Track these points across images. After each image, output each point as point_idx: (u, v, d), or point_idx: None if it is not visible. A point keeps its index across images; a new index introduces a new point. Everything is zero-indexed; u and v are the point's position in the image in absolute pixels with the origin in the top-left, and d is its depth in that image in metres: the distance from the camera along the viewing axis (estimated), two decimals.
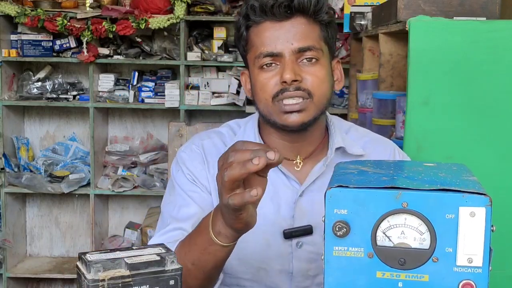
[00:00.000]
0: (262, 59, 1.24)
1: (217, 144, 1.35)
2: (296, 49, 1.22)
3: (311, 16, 1.25)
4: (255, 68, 1.26)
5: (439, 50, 1.63)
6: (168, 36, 3.72)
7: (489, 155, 1.63)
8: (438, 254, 0.75)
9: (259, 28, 1.25)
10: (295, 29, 1.23)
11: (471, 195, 0.73)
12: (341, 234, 0.76)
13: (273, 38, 1.23)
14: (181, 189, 1.31)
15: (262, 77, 1.25)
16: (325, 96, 1.26)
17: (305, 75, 1.23)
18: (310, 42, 1.23)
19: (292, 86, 1.22)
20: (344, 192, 0.77)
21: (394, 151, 1.39)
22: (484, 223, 0.73)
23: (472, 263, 0.73)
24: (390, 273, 0.76)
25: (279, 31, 1.23)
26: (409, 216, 0.75)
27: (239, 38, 1.31)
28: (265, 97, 1.25)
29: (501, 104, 1.63)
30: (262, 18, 1.24)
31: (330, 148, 1.31)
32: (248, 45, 1.29)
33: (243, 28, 1.28)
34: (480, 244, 0.73)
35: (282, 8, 1.22)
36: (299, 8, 1.23)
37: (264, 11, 1.23)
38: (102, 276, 0.76)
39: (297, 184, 1.30)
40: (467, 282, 0.74)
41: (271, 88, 1.24)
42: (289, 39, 1.22)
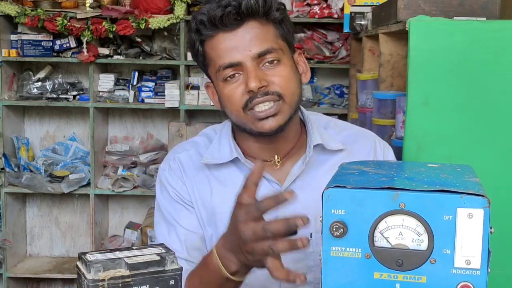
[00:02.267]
0: (224, 72, 1.21)
1: (193, 155, 1.34)
2: (255, 55, 1.19)
3: (262, 17, 1.21)
4: (218, 81, 1.24)
5: (439, 50, 1.63)
6: (168, 36, 3.72)
7: (489, 155, 1.63)
8: (435, 255, 0.74)
9: (213, 41, 1.22)
10: (250, 34, 1.19)
11: (469, 197, 0.73)
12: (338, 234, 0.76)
13: (230, 48, 1.20)
14: (167, 212, 1.32)
15: (227, 90, 1.22)
16: (296, 94, 1.24)
17: (270, 78, 1.20)
18: (267, 44, 1.20)
19: (259, 93, 1.19)
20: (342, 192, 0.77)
21: (375, 143, 1.37)
22: (482, 225, 0.72)
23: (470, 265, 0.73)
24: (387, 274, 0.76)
25: (234, 40, 1.19)
26: (407, 217, 0.75)
27: (196, 54, 1.27)
28: (235, 109, 1.22)
29: (501, 104, 1.63)
30: (214, 31, 1.20)
31: (308, 145, 1.30)
32: (206, 60, 1.26)
33: (197, 44, 1.25)
34: (478, 246, 0.72)
35: (231, 16, 1.18)
36: (248, 12, 1.19)
37: (214, 24, 1.19)
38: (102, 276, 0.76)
39: (278, 185, 1.28)
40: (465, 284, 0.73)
41: (238, 99, 1.21)
42: (246, 47, 1.19)
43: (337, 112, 3.76)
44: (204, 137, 1.38)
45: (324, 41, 3.81)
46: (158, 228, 1.35)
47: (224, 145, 1.31)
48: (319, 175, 1.30)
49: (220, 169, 1.31)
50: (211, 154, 1.31)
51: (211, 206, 1.30)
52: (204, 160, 1.31)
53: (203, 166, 1.32)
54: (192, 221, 1.31)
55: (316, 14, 3.63)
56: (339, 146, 1.32)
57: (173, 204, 1.32)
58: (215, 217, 1.29)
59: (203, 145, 1.36)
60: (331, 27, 3.81)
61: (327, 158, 1.32)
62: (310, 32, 3.81)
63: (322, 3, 3.65)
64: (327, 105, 3.85)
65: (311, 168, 1.30)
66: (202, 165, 1.32)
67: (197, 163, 1.33)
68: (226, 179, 1.31)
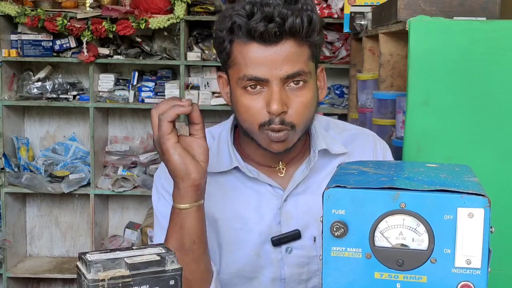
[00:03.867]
0: (246, 82, 1.15)
1: None
2: (284, 75, 1.13)
3: (302, 38, 1.15)
4: (237, 86, 1.18)
5: (439, 50, 1.63)
6: (168, 36, 3.72)
7: (489, 155, 1.63)
8: (436, 255, 0.75)
9: (244, 48, 1.14)
10: (284, 53, 1.13)
11: (469, 196, 0.73)
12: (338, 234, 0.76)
13: (260, 62, 1.13)
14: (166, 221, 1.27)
15: (246, 100, 1.17)
16: (310, 120, 1.21)
17: (291, 103, 1.15)
18: (299, 67, 1.14)
19: (278, 118, 1.14)
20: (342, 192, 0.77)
21: (375, 143, 1.35)
22: (482, 225, 0.72)
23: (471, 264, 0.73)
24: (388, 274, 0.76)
25: (267, 54, 1.13)
26: (407, 217, 0.75)
27: (221, 50, 1.20)
28: (250, 121, 1.18)
29: (501, 104, 1.63)
30: (249, 39, 1.13)
31: (312, 150, 1.27)
32: (230, 61, 1.18)
33: (226, 43, 1.17)
34: (479, 246, 0.72)
35: (272, 33, 1.11)
36: (290, 32, 1.12)
37: (251, 34, 1.12)
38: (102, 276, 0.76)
39: (281, 190, 1.27)
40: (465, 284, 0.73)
41: (256, 115, 1.16)
42: (277, 65, 1.13)
43: (337, 112, 3.76)
44: None
45: (324, 41, 3.81)
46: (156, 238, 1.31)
47: (224, 152, 1.28)
48: (320, 178, 1.29)
49: (219, 176, 1.28)
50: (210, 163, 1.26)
51: (211, 213, 1.26)
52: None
53: None
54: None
55: None
56: (342, 150, 1.30)
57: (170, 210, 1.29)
58: (216, 223, 1.27)
59: None
60: (331, 27, 3.81)
61: (328, 161, 1.30)
62: None
63: (322, 3, 3.65)
64: (327, 105, 3.85)
65: (314, 172, 1.29)
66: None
67: None
68: (225, 185, 1.28)
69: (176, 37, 3.67)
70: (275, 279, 1.28)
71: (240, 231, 1.27)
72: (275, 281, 1.28)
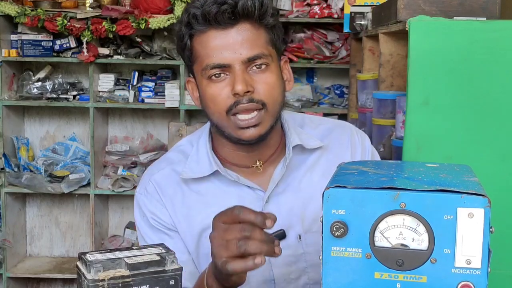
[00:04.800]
0: (210, 71, 1.18)
1: (168, 174, 1.30)
2: (245, 59, 1.16)
3: (256, 20, 1.19)
4: (203, 78, 1.20)
5: (439, 50, 1.63)
6: (168, 36, 3.72)
7: (489, 155, 1.63)
8: (436, 255, 0.75)
9: (203, 38, 1.19)
10: (241, 36, 1.17)
11: (469, 196, 0.73)
12: (338, 234, 0.76)
13: (220, 48, 1.17)
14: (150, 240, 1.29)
15: (211, 89, 1.19)
16: (278, 102, 1.22)
17: (256, 84, 1.18)
18: (258, 49, 1.18)
19: (245, 98, 1.16)
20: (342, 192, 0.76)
21: (352, 134, 1.35)
22: (482, 225, 0.72)
23: (471, 264, 0.73)
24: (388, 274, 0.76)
25: (225, 39, 1.17)
26: (407, 217, 0.75)
27: (182, 48, 1.24)
28: (218, 111, 1.19)
29: (501, 104, 1.63)
30: (206, 26, 1.17)
31: (287, 147, 1.28)
32: (193, 56, 1.22)
33: (186, 38, 1.21)
34: (479, 246, 0.72)
35: (226, 15, 1.15)
36: (243, 13, 1.16)
37: (207, 19, 1.16)
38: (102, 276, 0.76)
39: (261, 191, 1.27)
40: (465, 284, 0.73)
41: (223, 101, 1.18)
42: (236, 49, 1.16)
43: (337, 112, 3.76)
44: (177, 152, 1.34)
45: (324, 41, 3.81)
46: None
47: (203, 157, 1.28)
48: (300, 175, 1.29)
49: (199, 183, 1.28)
50: (190, 169, 1.28)
51: (193, 223, 1.26)
52: (183, 175, 1.27)
53: (180, 182, 1.29)
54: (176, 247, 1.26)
55: (316, 14, 3.63)
56: (318, 144, 1.30)
57: (154, 231, 1.29)
58: (199, 233, 1.27)
59: (177, 161, 1.31)
60: (331, 27, 3.81)
61: (306, 157, 1.31)
62: (310, 32, 3.81)
63: (322, 3, 3.65)
64: (327, 105, 3.85)
65: (292, 169, 1.29)
66: (180, 182, 1.28)
67: (173, 181, 1.29)
68: (207, 192, 1.28)
69: None
70: (265, 281, 1.28)
71: None
72: (266, 283, 1.28)
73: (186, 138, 1.38)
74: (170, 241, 1.28)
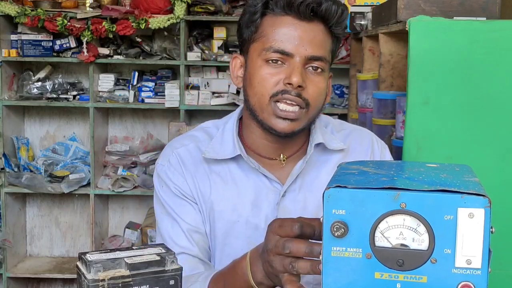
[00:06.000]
0: (271, 54, 1.19)
1: (192, 150, 1.31)
2: (308, 55, 1.19)
3: (330, 26, 1.22)
4: (258, 59, 1.21)
5: (439, 50, 1.63)
6: (168, 36, 3.72)
7: (489, 155, 1.63)
8: (436, 255, 0.74)
9: (277, 20, 1.20)
10: (313, 34, 1.19)
11: (470, 196, 0.73)
12: (339, 234, 0.76)
13: (290, 36, 1.18)
14: (170, 207, 1.29)
15: (265, 71, 1.20)
16: (319, 109, 1.24)
17: (308, 83, 1.19)
18: (322, 52, 1.20)
19: (294, 91, 1.18)
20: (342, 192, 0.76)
21: (373, 142, 1.37)
22: (483, 225, 0.72)
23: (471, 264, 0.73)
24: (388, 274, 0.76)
25: (298, 30, 1.18)
26: (408, 217, 0.75)
27: (249, 22, 1.23)
28: (262, 93, 1.20)
29: (501, 104, 1.63)
30: (284, 12, 1.19)
31: (309, 144, 1.29)
32: (257, 33, 1.22)
33: (258, 14, 1.22)
34: (479, 246, 0.72)
35: (309, 8, 1.17)
36: (323, 14, 1.19)
37: (289, 6, 1.18)
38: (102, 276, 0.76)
39: (279, 185, 1.28)
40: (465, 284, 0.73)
41: (272, 85, 1.19)
42: (304, 43, 1.18)
43: (337, 112, 3.76)
44: (203, 132, 1.35)
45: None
46: (161, 223, 1.31)
47: (228, 140, 1.29)
48: (320, 176, 1.30)
49: (220, 164, 1.29)
50: (213, 149, 1.29)
51: (210, 202, 1.28)
52: (205, 154, 1.28)
53: (202, 161, 1.30)
54: (196, 217, 1.29)
55: None
56: (341, 146, 1.31)
57: (174, 199, 1.29)
58: (213, 214, 1.28)
59: (203, 140, 1.33)
60: None
61: (328, 158, 1.31)
62: None
63: None
64: (327, 105, 3.84)
65: (312, 168, 1.30)
66: (202, 160, 1.30)
67: (196, 158, 1.30)
68: (226, 176, 1.29)
69: (176, 37, 3.67)
70: None
71: (236, 224, 1.28)
72: None
73: (211, 121, 1.39)
74: (190, 207, 1.29)
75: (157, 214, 1.34)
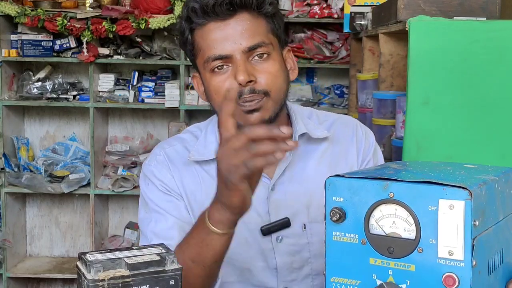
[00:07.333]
0: (212, 63, 1.20)
1: (179, 150, 1.32)
2: (245, 48, 1.18)
3: (254, 10, 1.20)
4: (206, 72, 1.22)
5: (439, 50, 1.63)
6: (168, 36, 3.72)
7: (489, 155, 1.63)
8: (422, 245, 0.76)
9: (203, 31, 1.21)
10: (241, 26, 1.19)
11: (451, 188, 0.74)
12: (335, 219, 0.82)
13: (220, 39, 1.19)
14: (154, 204, 1.29)
15: (215, 81, 1.21)
16: (282, 90, 1.24)
17: (258, 73, 1.19)
18: (258, 38, 1.19)
19: (247, 88, 1.18)
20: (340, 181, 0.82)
21: (357, 128, 1.37)
22: (463, 216, 0.73)
23: (453, 256, 0.74)
24: (381, 260, 0.79)
25: (225, 31, 1.19)
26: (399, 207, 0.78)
27: (184, 42, 1.26)
28: (221, 101, 1.19)
29: (501, 104, 1.63)
30: (205, 19, 1.19)
31: (293, 136, 1.29)
32: (195, 49, 1.24)
33: (187, 32, 1.24)
34: (460, 237, 0.73)
35: (224, 6, 1.17)
36: (241, 3, 1.18)
37: (206, 11, 1.18)
38: (102, 276, 0.76)
39: (267, 179, 1.28)
40: (449, 275, 0.74)
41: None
42: (236, 39, 1.18)
43: (337, 112, 3.76)
44: (189, 134, 1.36)
45: (324, 41, 3.81)
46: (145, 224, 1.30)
47: (211, 141, 1.31)
48: (308, 166, 1.30)
49: (209, 163, 1.30)
50: (197, 151, 1.30)
51: (201, 200, 1.28)
52: (191, 157, 1.29)
53: (191, 161, 1.31)
54: (183, 212, 1.28)
55: (316, 14, 3.63)
56: (325, 134, 1.32)
57: (160, 195, 1.29)
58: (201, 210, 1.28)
59: (190, 141, 1.34)
60: (331, 27, 3.81)
61: (313, 148, 1.32)
62: (310, 32, 3.81)
63: (322, 3, 3.65)
64: (327, 105, 3.85)
65: (299, 159, 1.30)
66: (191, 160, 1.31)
67: (184, 157, 1.31)
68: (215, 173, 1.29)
69: (176, 37, 3.67)
70: (267, 269, 1.28)
71: None
72: (267, 271, 1.28)
73: (195, 124, 1.40)
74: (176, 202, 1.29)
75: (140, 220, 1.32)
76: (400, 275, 0.78)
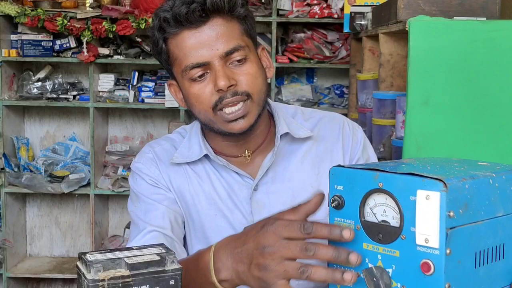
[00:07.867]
0: (191, 72, 1.19)
1: (168, 149, 1.33)
2: (222, 53, 1.18)
3: (227, 13, 1.20)
4: (184, 80, 1.22)
5: (439, 50, 1.63)
6: None
7: (489, 154, 1.63)
8: (405, 232, 0.81)
9: (177, 39, 1.20)
10: (215, 32, 1.18)
11: (429, 180, 0.78)
12: (334, 205, 0.89)
13: (196, 47, 1.18)
14: (144, 196, 1.29)
15: (195, 89, 1.21)
16: (262, 91, 1.24)
17: (238, 76, 1.19)
18: (234, 42, 1.19)
19: (229, 92, 1.18)
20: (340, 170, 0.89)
21: (343, 124, 1.37)
22: (438, 207, 0.77)
23: (429, 243, 0.78)
24: (372, 245, 0.85)
25: (199, 38, 1.18)
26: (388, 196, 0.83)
27: (159, 53, 1.24)
28: (204, 109, 1.21)
29: (501, 104, 1.63)
30: (178, 28, 1.19)
31: (276, 136, 1.29)
32: (170, 59, 1.23)
33: (161, 42, 1.23)
34: (435, 226, 0.77)
35: (197, 13, 1.17)
36: (213, 9, 1.18)
37: (178, 21, 1.18)
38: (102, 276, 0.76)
39: (250, 179, 1.28)
40: (425, 262, 0.78)
41: (208, 98, 1.20)
42: (212, 45, 1.18)
43: (338, 112, 3.76)
44: (177, 134, 1.37)
45: (324, 41, 3.81)
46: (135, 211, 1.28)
47: (194, 143, 1.31)
48: (291, 166, 1.30)
49: (195, 163, 1.30)
50: (181, 154, 1.30)
51: (188, 197, 1.29)
52: (174, 159, 1.29)
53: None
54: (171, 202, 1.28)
55: (316, 14, 3.63)
56: (307, 133, 1.32)
57: (149, 188, 1.29)
58: (189, 209, 1.29)
59: (178, 140, 1.35)
60: (331, 27, 3.81)
61: (297, 147, 1.32)
62: (310, 32, 3.81)
63: (322, 3, 3.65)
64: (327, 105, 3.85)
65: (282, 159, 1.31)
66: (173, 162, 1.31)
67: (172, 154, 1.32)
68: (201, 172, 1.30)
69: None
70: None
71: (215, 218, 1.28)
72: None
73: (182, 126, 1.41)
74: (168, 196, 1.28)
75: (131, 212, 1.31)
76: (387, 260, 0.83)
